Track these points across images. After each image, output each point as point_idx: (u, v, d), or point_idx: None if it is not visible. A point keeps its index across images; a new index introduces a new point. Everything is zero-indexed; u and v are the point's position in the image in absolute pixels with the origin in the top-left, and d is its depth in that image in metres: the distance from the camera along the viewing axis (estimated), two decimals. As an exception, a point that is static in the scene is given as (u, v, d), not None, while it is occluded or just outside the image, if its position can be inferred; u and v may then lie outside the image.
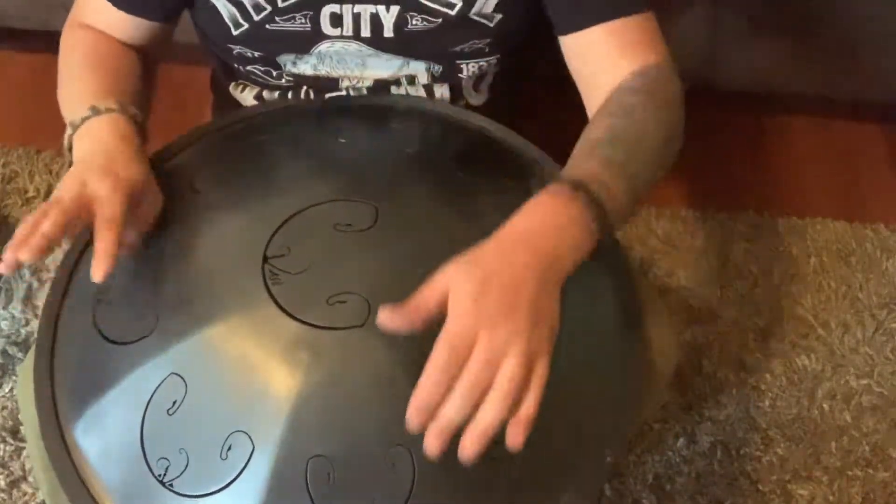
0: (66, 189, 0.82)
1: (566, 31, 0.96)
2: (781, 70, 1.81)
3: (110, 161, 0.86)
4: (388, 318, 0.68)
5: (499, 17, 0.97)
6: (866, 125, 1.91)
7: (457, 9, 0.95)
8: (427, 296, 0.69)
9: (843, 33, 1.72)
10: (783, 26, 1.72)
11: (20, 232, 0.77)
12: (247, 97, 1.10)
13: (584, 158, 0.83)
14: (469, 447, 0.66)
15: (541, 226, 0.75)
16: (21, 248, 0.75)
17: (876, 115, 1.90)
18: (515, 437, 0.67)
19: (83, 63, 0.99)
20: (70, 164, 0.89)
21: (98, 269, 0.76)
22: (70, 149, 0.91)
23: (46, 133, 1.74)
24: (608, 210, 0.78)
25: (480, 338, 0.67)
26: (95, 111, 0.90)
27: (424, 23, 0.96)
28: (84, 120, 0.89)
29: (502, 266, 0.70)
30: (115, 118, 0.90)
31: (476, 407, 0.67)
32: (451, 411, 0.66)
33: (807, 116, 1.90)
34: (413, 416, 0.66)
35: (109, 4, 0.99)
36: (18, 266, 0.75)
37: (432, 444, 0.66)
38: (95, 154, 0.87)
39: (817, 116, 1.90)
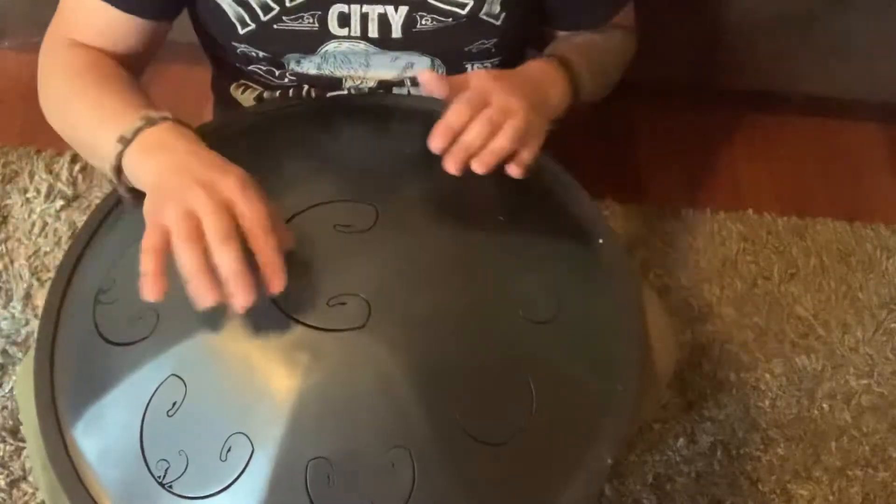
0: (190, 202, 0.73)
1: (571, 29, 1.07)
2: (781, 70, 1.82)
3: (211, 162, 0.78)
4: (428, 78, 0.86)
5: (504, 15, 0.97)
6: (866, 125, 1.91)
7: (468, 8, 0.95)
8: (455, 77, 0.89)
9: (843, 33, 1.73)
10: (783, 26, 1.73)
11: (198, 277, 0.70)
12: (247, 98, 1.10)
13: (569, 48, 1.04)
14: (484, 160, 0.83)
15: (538, 74, 0.96)
16: (219, 293, 0.70)
17: (876, 115, 1.90)
18: (514, 169, 0.86)
19: (94, 78, 0.92)
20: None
21: (276, 283, 0.72)
22: (118, 171, 0.83)
23: (46, 133, 1.73)
24: (580, 85, 0.99)
25: (495, 98, 0.86)
26: (149, 121, 0.82)
27: (434, 23, 0.96)
28: (138, 132, 0.82)
29: (512, 82, 0.90)
30: (174, 125, 0.83)
31: (489, 137, 0.84)
32: (471, 134, 0.83)
33: (807, 116, 1.90)
34: (438, 137, 0.83)
35: (104, 5, 0.94)
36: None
37: (451, 161, 0.83)
38: (188, 159, 0.78)
39: (817, 116, 1.90)
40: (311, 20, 0.96)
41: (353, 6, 0.96)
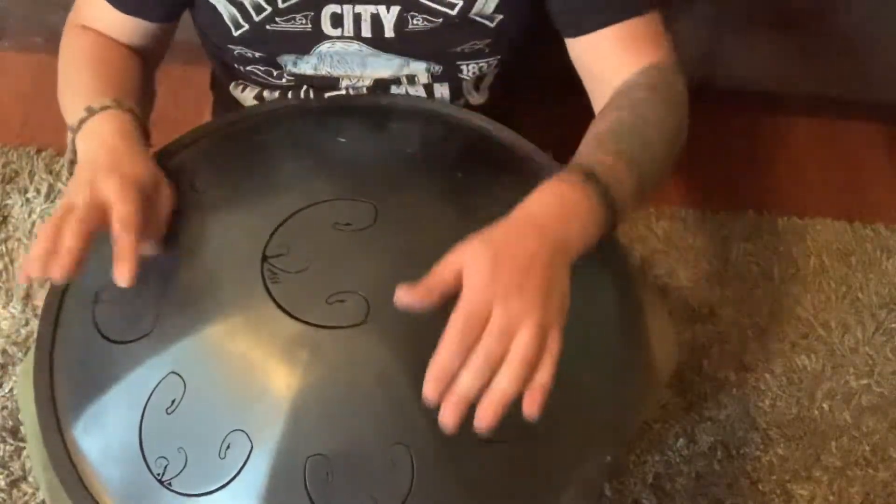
0: (74, 193, 0.80)
1: (575, 35, 0.97)
2: (781, 70, 1.82)
3: (115, 160, 0.84)
4: (405, 295, 0.69)
5: (499, 17, 0.97)
6: (866, 125, 1.91)
7: (457, 8, 0.95)
8: (442, 272, 0.71)
9: (843, 33, 1.73)
10: (783, 26, 1.73)
11: (40, 246, 0.75)
12: (247, 97, 1.10)
13: (593, 148, 0.84)
14: (484, 416, 0.67)
15: (550, 210, 0.76)
16: (49, 266, 0.74)
17: (876, 115, 1.90)
18: (531, 406, 0.68)
19: (80, 64, 0.98)
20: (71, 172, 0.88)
21: (122, 273, 0.75)
22: (75, 153, 0.89)
23: (46, 133, 1.76)
24: (616, 198, 0.79)
25: (495, 311, 0.69)
26: (90, 111, 0.88)
27: (425, 23, 0.96)
28: (81, 122, 0.88)
29: (513, 245, 0.72)
30: (112, 115, 0.89)
31: (491, 378, 0.68)
32: (466, 381, 0.67)
33: (807, 116, 1.90)
34: (430, 388, 0.67)
35: (109, 6, 0.99)
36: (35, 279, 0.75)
37: (449, 416, 0.67)
38: (98, 154, 0.85)
39: (817, 116, 1.90)
40: (303, 21, 0.96)
41: (345, 7, 0.96)
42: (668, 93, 0.92)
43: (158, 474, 0.76)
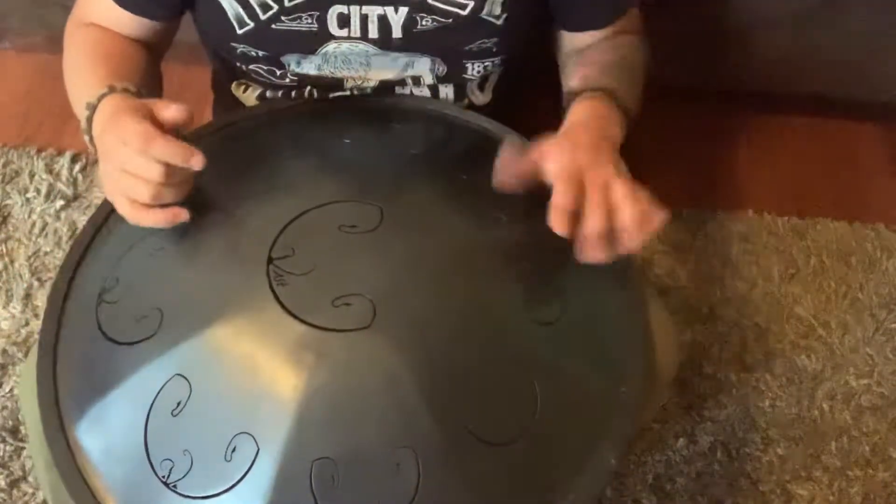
0: (124, 133, 0.81)
1: (577, 30, 1.06)
2: (781, 70, 1.82)
3: (115, 114, 0.85)
4: (507, 151, 0.86)
5: (505, 16, 0.97)
6: (866, 125, 1.91)
7: (468, 9, 0.95)
8: (528, 157, 0.86)
9: (843, 33, 1.73)
10: (783, 26, 1.72)
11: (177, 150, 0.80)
12: (249, 97, 1.10)
13: (606, 77, 1.00)
14: (632, 238, 0.82)
15: (591, 115, 0.93)
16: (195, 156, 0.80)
17: (876, 115, 1.90)
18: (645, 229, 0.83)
19: (92, 56, 0.98)
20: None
21: (196, 158, 0.79)
22: (90, 134, 0.89)
23: (46, 133, 1.76)
24: (628, 111, 0.97)
25: (588, 173, 0.83)
26: (112, 89, 0.89)
27: (434, 23, 0.96)
28: (102, 97, 0.88)
29: (580, 136, 0.89)
30: (132, 97, 0.88)
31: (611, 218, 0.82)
32: (595, 223, 0.82)
33: (807, 116, 1.90)
34: (558, 222, 0.81)
35: (114, 4, 0.99)
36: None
37: (593, 251, 0.83)
38: (106, 126, 0.86)
39: (817, 116, 1.90)
40: (309, 20, 0.96)
41: (352, 7, 0.96)
42: (644, 51, 1.10)
43: (164, 476, 0.76)
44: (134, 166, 0.80)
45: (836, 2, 1.68)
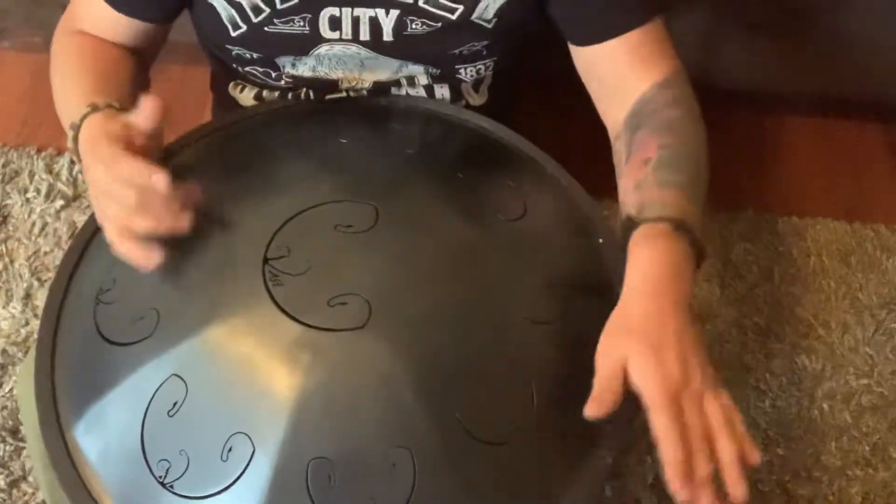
0: (107, 160, 0.81)
1: (583, 44, 0.97)
2: (781, 70, 1.82)
3: (94, 140, 0.84)
4: (591, 411, 0.74)
5: (496, 20, 0.97)
6: (866, 125, 1.91)
7: (458, 13, 0.95)
8: (609, 379, 0.76)
9: (843, 33, 1.73)
10: (783, 26, 1.73)
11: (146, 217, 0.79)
12: (246, 97, 1.10)
13: (657, 189, 0.88)
14: (735, 485, 0.73)
15: (663, 270, 0.82)
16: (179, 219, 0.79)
17: (876, 115, 1.90)
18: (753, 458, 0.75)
19: (77, 67, 0.98)
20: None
21: (157, 177, 0.78)
22: (77, 154, 0.89)
23: (46, 133, 1.76)
24: (698, 237, 0.85)
25: (683, 400, 0.75)
26: (95, 108, 0.88)
27: (424, 27, 0.96)
28: (84, 117, 0.88)
29: (658, 329, 0.78)
30: (115, 114, 0.88)
31: (714, 452, 0.74)
32: (704, 468, 0.73)
33: (807, 116, 1.90)
34: (679, 486, 0.73)
35: (106, 6, 0.98)
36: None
37: (707, 501, 0.72)
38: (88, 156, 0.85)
39: (817, 116, 1.90)
40: (301, 23, 0.96)
41: (343, 10, 0.96)
42: (691, 104, 0.96)
43: (160, 476, 0.76)
44: (109, 191, 0.80)
45: (836, 2, 1.68)
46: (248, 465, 0.75)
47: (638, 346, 0.76)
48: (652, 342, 0.76)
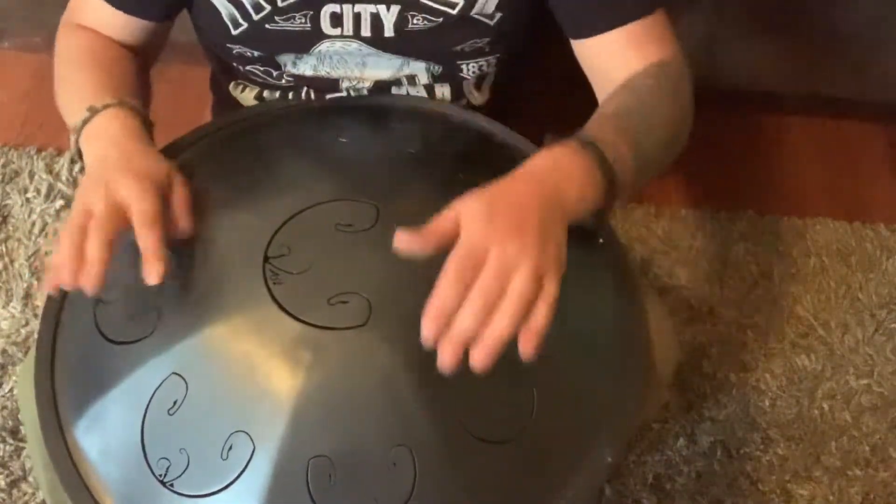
0: (90, 196, 0.79)
1: (581, 36, 0.97)
2: (781, 70, 1.82)
3: (126, 158, 0.84)
4: (404, 239, 0.70)
5: (499, 15, 0.97)
6: (866, 125, 1.91)
7: (458, 8, 0.95)
8: (440, 221, 0.72)
9: (843, 33, 1.73)
10: (783, 26, 1.73)
11: (65, 254, 0.75)
12: (247, 97, 1.10)
13: (596, 125, 0.86)
14: (480, 356, 0.68)
15: (546, 166, 0.78)
16: (79, 277, 0.75)
17: (876, 114, 1.90)
18: (526, 346, 0.69)
19: (78, 63, 0.98)
20: (82, 170, 0.87)
21: (152, 272, 0.76)
22: (80, 155, 0.89)
23: (46, 133, 1.76)
24: (615, 170, 0.80)
25: (491, 252, 0.70)
26: (93, 111, 0.88)
27: (425, 22, 0.96)
28: (85, 122, 0.88)
29: (509, 193, 0.74)
30: (115, 112, 0.88)
31: (488, 317, 0.68)
32: (464, 320, 0.68)
33: (807, 116, 1.90)
34: (428, 327, 0.68)
35: (107, 4, 0.98)
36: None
37: (447, 355, 0.68)
38: (108, 153, 0.85)
39: (817, 116, 1.90)
40: (302, 20, 0.96)
41: (345, 6, 0.96)
42: (671, 83, 0.94)
43: (160, 475, 0.76)
44: (109, 190, 0.79)
45: (837, 2, 1.69)
46: (248, 463, 0.75)
47: (477, 203, 0.72)
48: (493, 198, 0.73)
